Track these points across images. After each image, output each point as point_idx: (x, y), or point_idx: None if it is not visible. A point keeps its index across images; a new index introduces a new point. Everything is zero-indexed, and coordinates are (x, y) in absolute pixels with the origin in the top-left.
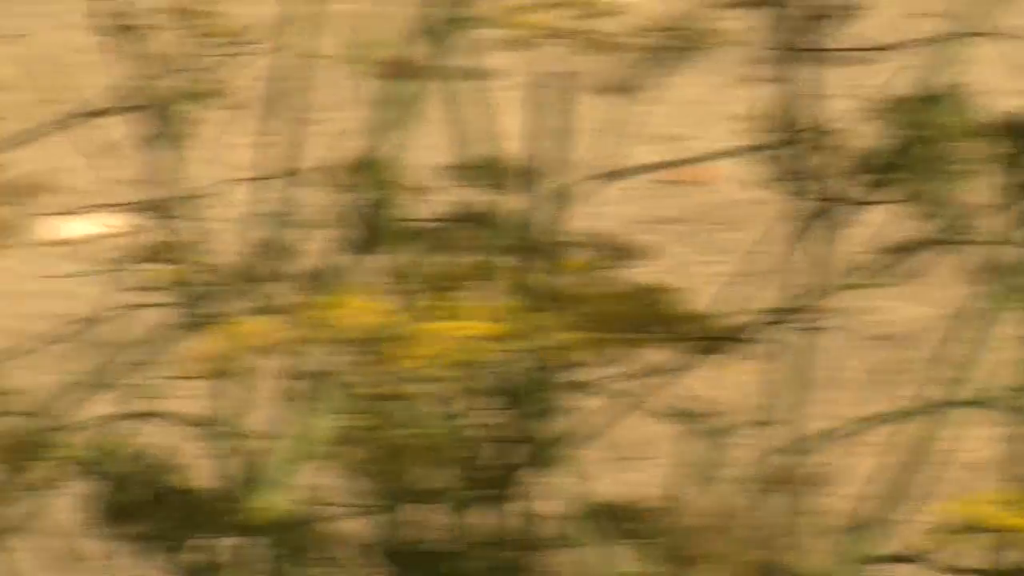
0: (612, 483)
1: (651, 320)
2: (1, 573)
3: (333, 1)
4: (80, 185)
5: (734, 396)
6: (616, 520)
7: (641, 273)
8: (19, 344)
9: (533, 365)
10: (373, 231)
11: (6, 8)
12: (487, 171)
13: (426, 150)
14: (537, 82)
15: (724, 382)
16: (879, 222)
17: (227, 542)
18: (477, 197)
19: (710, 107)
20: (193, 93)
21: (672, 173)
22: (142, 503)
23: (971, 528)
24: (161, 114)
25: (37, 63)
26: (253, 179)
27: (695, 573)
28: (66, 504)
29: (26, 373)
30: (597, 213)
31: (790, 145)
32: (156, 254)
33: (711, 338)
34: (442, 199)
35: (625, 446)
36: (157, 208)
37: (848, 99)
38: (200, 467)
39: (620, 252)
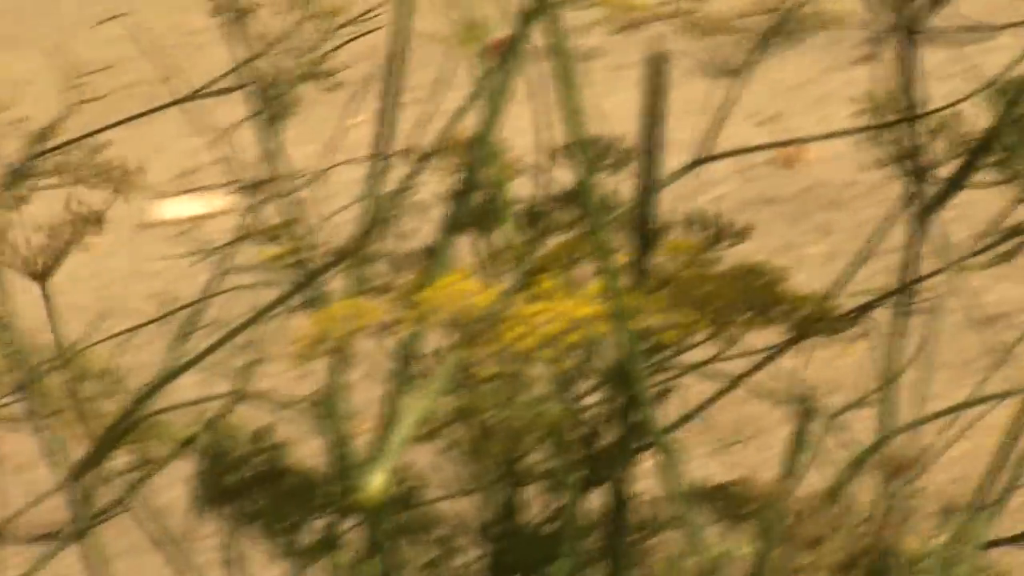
0: (717, 465)
1: (754, 300)
2: (105, 555)
3: None
4: (187, 166)
5: (839, 377)
6: (721, 502)
7: (744, 253)
8: (124, 325)
9: (636, 346)
10: (478, 211)
11: None
12: (591, 152)
13: (529, 131)
14: (642, 62)
15: (828, 363)
16: (985, 202)
17: (332, 522)
18: (581, 177)
19: (815, 88)
20: (300, 74)
21: (777, 153)
22: (247, 483)
23: None
24: (268, 95)
25: (147, 44)
26: (359, 159)
27: (803, 556)
28: (173, 484)
29: (132, 354)
30: (701, 193)
31: (897, 126)
32: (261, 234)
33: (814, 319)
34: (547, 179)
35: (729, 428)
36: (263, 188)
37: (955, 79)
38: (305, 448)
39: (723, 232)
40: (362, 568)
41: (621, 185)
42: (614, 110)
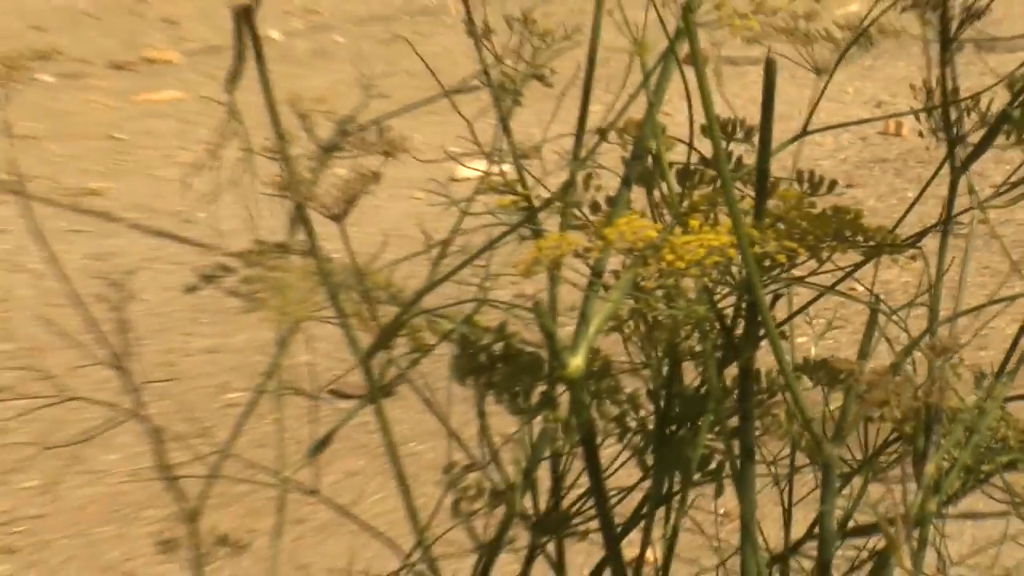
0: (817, 348)
1: (840, 232)
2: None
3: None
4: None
5: (908, 283)
6: (820, 373)
7: (860, 197)
8: (398, 254)
9: (756, 265)
10: (647, 171)
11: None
12: (726, 128)
13: (681, 112)
14: (766, 64)
15: (901, 274)
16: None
17: (547, 389)
18: (715, 146)
19: (914, 80)
20: (526, 75)
21: (885, 126)
22: (490, 362)
23: None
24: (505, 91)
25: (427, 58)
26: (568, 135)
27: (876, 412)
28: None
29: (409, 278)
30: (833, 156)
31: (951, 107)
32: (501, 189)
33: (895, 244)
34: (696, 149)
35: (824, 319)
36: (503, 158)
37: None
38: (535, 336)
39: (830, 185)
40: (568, 422)
41: (746, 153)
42: (736, 99)
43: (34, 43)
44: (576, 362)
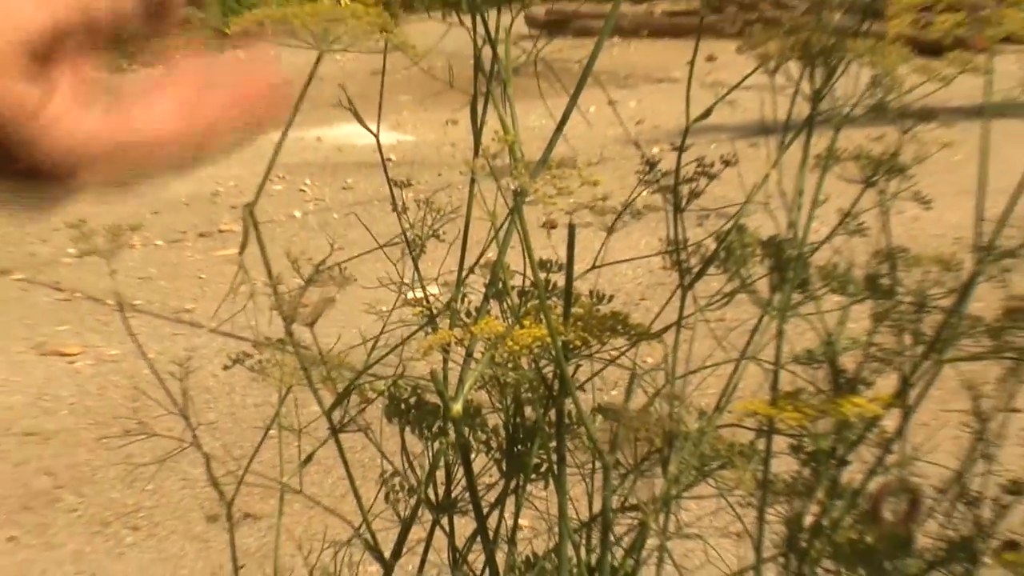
0: (606, 397)
1: (620, 326)
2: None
3: None
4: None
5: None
6: (606, 411)
7: (642, 309)
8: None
9: (564, 348)
10: (500, 291)
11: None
12: (545, 265)
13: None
14: (569, 226)
15: (652, 353)
16: None
17: (441, 424)
18: (540, 277)
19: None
20: (428, 235)
21: (657, 261)
22: (407, 408)
23: None
24: (415, 245)
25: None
26: (453, 271)
27: (637, 433)
28: (377, 411)
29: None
30: (621, 282)
31: (682, 249)
32: (413, 303)
33: (647, 335)
34: (528, 277)
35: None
36: (419, 285)
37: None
38: (433, 393)
39: (610, 298)
40: (454, 444)
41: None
42: (559, 245)
43: (151, 220)
44: (457, 408)
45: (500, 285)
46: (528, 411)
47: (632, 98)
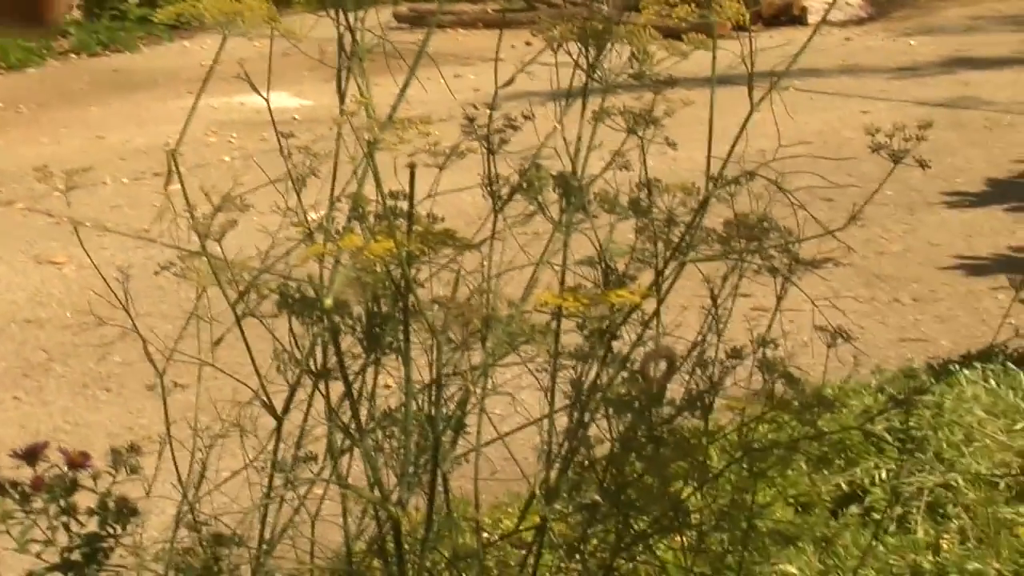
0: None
1: (448, 239)
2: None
3: None
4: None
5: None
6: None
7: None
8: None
9: (407, 256)
10: (361, 215)
11: None
12: (394, 194)
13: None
14: (410, 166)
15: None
16: None
17: (317, 312)
18: (387, 202)
19: None
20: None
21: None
22: (293, 302)
23: None
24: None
25: None
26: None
27: (463, 320)
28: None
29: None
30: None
31: None
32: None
33: (467, 244)
34: (380, 203)
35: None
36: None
37: None
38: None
39: (441, 219)
40: (327, 328)
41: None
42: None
43: (119, 164)
44: (328, 302)
45: (360, 210)
46: (383, 303)
47: (471, 73)
